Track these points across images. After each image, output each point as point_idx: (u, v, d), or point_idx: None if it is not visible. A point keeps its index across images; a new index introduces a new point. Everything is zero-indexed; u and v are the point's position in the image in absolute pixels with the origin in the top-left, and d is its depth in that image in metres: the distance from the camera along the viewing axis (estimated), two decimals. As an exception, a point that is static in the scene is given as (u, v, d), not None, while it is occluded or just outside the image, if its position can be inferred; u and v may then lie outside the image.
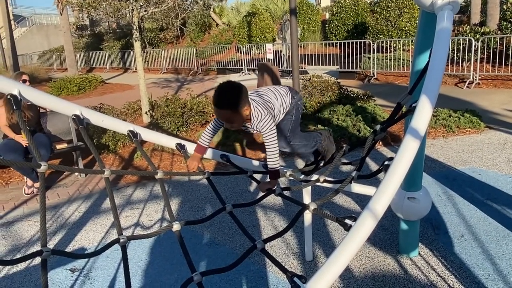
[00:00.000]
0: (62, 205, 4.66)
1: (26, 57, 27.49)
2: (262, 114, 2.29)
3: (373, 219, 1.59)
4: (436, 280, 2.85)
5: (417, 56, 2.34)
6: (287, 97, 2.61)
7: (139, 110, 7.78)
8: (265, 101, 2.43)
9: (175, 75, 18.25)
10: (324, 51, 14.77)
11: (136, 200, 4.66)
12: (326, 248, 3.37)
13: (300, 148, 2.76)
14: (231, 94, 2.19)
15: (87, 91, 14.60)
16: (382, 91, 10.17)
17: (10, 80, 1.81)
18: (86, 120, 2.09)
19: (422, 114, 1.67)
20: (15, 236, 3.94)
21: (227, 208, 2.10)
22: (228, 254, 3.40)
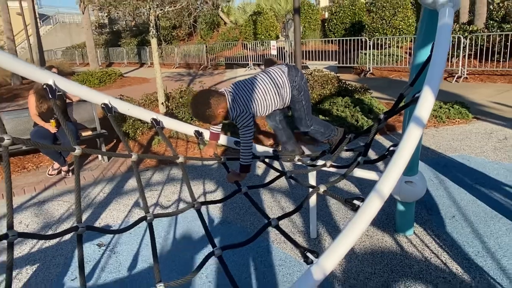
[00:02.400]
0: (87, 187, 4.67)
1: (51, 53, 27.40)
2: (237, 110, 2.18)
3: (380, 199, 1.58)
4: (430, 256, 2.84)
5: (418, 50, 2.30)
6: (285, 88, 2.33)
7: (155, 101, 7.75)
8: (244, 95, 2.24)
9: (187, 70, 18.15)
10: (323, 48, 14.63)
11: (155, 183, 4.67)
12: (328, 227, 3.36)
13: (316, 134, 2.64)
14: (200, 107, 2.16)
15: (107, 84, 14.55)
16: (377, 84, 10.08)
17: (46, 71, 1.80)
18: (114, 109, 2.08)
19: (425, 104, 1.64)
20: (46, 215, 3.97)
21: (242, 189, 2.09)
22: (240, 232, 3.41)
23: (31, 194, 4.54)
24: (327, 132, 2.65)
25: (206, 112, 2.14)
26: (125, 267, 2.98)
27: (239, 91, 2.25)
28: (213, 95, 2.16)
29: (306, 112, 2.46)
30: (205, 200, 2.71)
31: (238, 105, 2.19)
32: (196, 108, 2.17)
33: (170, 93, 7.86)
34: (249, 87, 2.27)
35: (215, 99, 2.15)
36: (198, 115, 2.19)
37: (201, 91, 2.23)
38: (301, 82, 2.38)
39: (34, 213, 4.02)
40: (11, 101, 12.11)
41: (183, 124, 2.53)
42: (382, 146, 5.39)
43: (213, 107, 2.13)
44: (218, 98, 2.16)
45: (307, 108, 2.46)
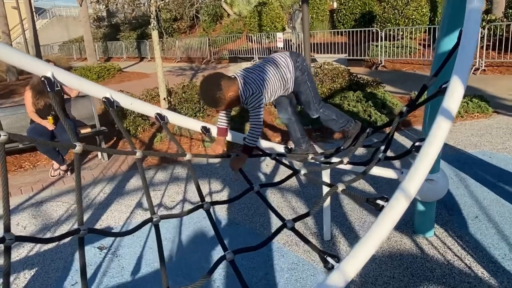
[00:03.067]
0: (87, 187, 4.65)
1: (47, 48, 27.48)
2: (250, 90, 2.21)
3: (406, 199, 1.52)
4: (453, 259, 2.78)
5: (442, 38, 2.23)
6: (288, 68, 2.38)
7: (156, 96, 7.72)
8: (255, 78, 2.28)
9: (189, 64, 18.12)
10: (332, 40, 14.51)
11: (158, 182, 4.63)
12: (343, 228, 3.30)
13: (329, 122, 2.59)
14: (210, 91, 2.15)
15: (106, 79, 14.56)
16: (389, 77, 9.97)
17: (44, 62, 1.75)
18: (116, 103, 2.03)
19: (454, 95, 1.57)
20: (44, 216, 3.94)
21: (254, 188, 2.04)
22: (248, 234, 3.36)
23: (29, 194, 4.52)
24: (341, 121, 2.62)
25: (216, 94, 2.13)
26: (128, 271, 2.94)
27: (249, 74, 2.30)
28: (224, 78, 2.18)
29: (313, 93, 2.47)
30: (213, 200, 2.66)
31: (250, 86, 2.23)
32: (206, 90, 2.16)
33: (172, 88, 7.82)
34: (258, 70, 2.33)
35: (226, 82, 2.16)
36: (207, 99, 2.18)
37: (211, 74, 2.24)
38: (303, 63, 2.44)
39: (32, 214, 3.99)
40: (7, 97, 12.14)
41: (189, 119, 2.48)
42: (396, 143, 5.32)
43: (224, 89, 2.14)
44: (229, 81, 2.18)
45: (313, 89, 2.47)
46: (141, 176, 1.87)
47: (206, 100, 2.19)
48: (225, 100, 2.16)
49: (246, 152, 2.25)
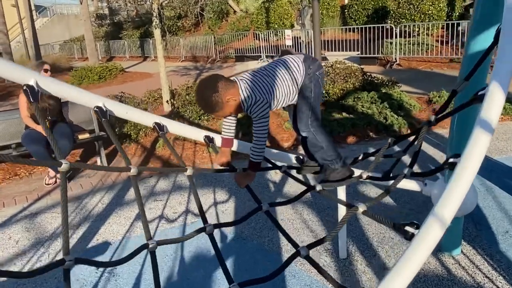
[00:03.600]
0: (85, 196, 4.53)
1: (48, 47, 27.59)
2: (252, 97, 2.00)
3: (441, 227, 1.37)
4: (483, 281, 2.60)
5: (473, 37, 2.06)
6: (299, 73, 2.12)
7: (159, 98, 7.60)
8: (260, 82, 2.07)
9: (194, 63, 18.04)
10: (343, 37, 14.32)
11: (159, 192, 4.50)
12: (360, 245, 3.14)
13: (314, 148, 2.23)
14: (205, 94, 1.96)
15: (108, 79, 14.52)
16: (405, 77, 9.77)
17: (26, 70, 1.62)
18: (110, 112, 1.89)
19: (494, 103, 1.42)
20: (38, 229, 3.83)
21: (263, 207, 1.89)
22: (257, 250, 3.21)
23: (23, 204, 4.41)
24: (329, 154, 2.22)
25: (212, 97, 1.94)
26: (125, 293, 2.81)
27: (254, 77, 2.09)
28: (221, 79, 2.00)
29: (313, 106, 2.18)
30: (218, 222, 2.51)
31: (253, 92, 2.02)
32: (201, 93, 1.99)
33: (176, 90, 7.70)
34: (265, 74, 2.11)
35: (223, 84, 1.98)
36: (202, 103, 2.00)
37: (208, 76, 2.06)
38: (317, 71, 2.15)
39: (25, 227, 3.88)
40: (5, 99, 12.13)
41: (191, 128, 2.34)
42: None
43: (221, 92, 1.95)
44: (228, 84, 1.99)
45: (315, 102, 2.18)
46: (136, 195, 1.72)
47: (201, 104, 2.03)
48: (222, 105, 1.97)
49: (252, 169, 2.08)
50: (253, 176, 2.09)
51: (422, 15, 13.21)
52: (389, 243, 3.11)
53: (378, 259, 2.94)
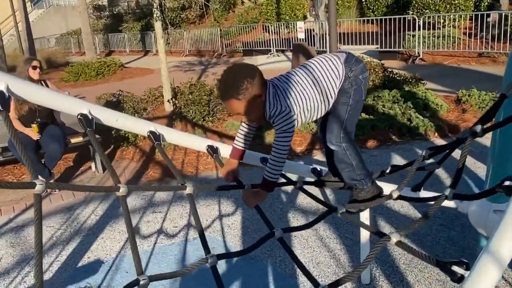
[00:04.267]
0: (77, 207, 4.40)
1: (43, 41, 27.65)
2: (277, 106, 1.81)
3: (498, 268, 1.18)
4: (531, 314, 2.40)
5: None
6: (338, 77, 1.92)
7: (160, 97, 7.47)
8: (289, 90, 1.88)
9: (198, 58, 17.92)
10: (361, 29, 14.09)
11: (158, 202, 4.35)
12: (385, 268, 2.95)
13: (342, 164, 2.04)
14: (234, 78, 1.78)
15: (106, 76, 14.43)
16: (430, 73, 9.52)
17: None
18: (96, 120, 1.73)
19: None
20: (24, 244, 3.69)
21: (276, 233, 1.71)
22: (267, 272, 3.03)
23: (9, 215, 4.29)
24: (358, 173, 2.05)
25: (244, 80, 1.75)
26: (118, 321, 2.65)
27: (284, 83, 1.91)
28: (259, 72, 1.84)
29: (348, 115, 1.97)
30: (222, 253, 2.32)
31: (279, 100, 1.84)
32: (235, 71, 1.81)
33: (178, 88, 7.56)
34: (297, 80, 1.91)
35: (261, 76, 1.83)
36: (231, 81, 1.78)
37: (241, 63, 1.94)
38: (360, 75, 1.94)
39: (10, 242, 3.75)
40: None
41: (192, 137, 2.19)
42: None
43: (256, 81, 1.78)
44: (263, 79, 1.85)
45: (352, 111, 1.97)
46: (126, 219, 1.56)
47: (228, 83, 1.80)
48: (249, 97, 1.78)
49: (265, 188, 1.88)
50: (264, 196, 1.91)
51: (448, 5, 12.93)
52: (418, 265, 2.92)
53: (406, 285, 2.75)
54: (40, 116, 4.68)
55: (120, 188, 1.58)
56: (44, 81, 4.84)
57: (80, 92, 10.92)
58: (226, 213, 4.00)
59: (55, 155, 4.61)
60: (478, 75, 8.80)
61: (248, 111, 1.83)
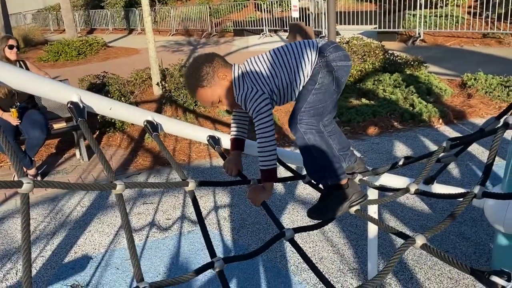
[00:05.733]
0: (61, 197, 4.29)
1: (19, 17, 27.03)
2: (245, 89, 1.78)
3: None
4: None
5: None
6: (309, 60, 1.83)
7: (148, 79, 7.30)
8: (257, 70, 1.81)
9: (187, 37, 17.63)
10: (357, 8, 13.95)
11: (149, 192, 4.25)
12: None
13: (303, 154, 1.84)
14: (197, 65, 1.81)
15: (88, 56, 14.12)
16: (431, 55, 9.46)
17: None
18: (88, 108, 1.62)
19: None
20: (5, 239, 3.59)
21: (286, 233, 1.63)
22: (268, 268, 2.97)
23: (-13, 207, 4.17)
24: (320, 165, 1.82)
25: (203, 67, 1.78)
26: (110, 323, 2.58)
27: (251, 64, 1.87)
28: (218, 56, 1.85)
29: (310, 99, 1.82)
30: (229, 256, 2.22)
31: (245, 82, 1.81)
32: (192, 63, 1.85)
33: (167, 70, 7.39)
34: (265, 60, 1.87)
35: (220, 59, 1.83)
36: (191, 73, 1.82)
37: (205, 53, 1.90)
38: (334, 61, 1.82)
39: (-10, 236, 3.64)
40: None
41: (192, 127, 2.08)
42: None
43: (215, 64, 1.79)
44: (224, 61, 1.85)
45: (318, 94, 1.82)
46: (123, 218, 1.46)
47: (188, 76, 1.84)
48: (213, 81, 1.79)
49: (267, 179, 1.78)
50: (270, 190, 1.80)
51: (450, -17, 12.84)
52: (428, 262, 2.88)
53: (415, 282, 2.71)
54: (19, 99, 4.52)
55: (116, 185, 1.49)
56: (22, 62, 4.67)
57: (61, 73, 10.68)
58: (222, 205, 3.92)
59: (37, 142, 4.47)
60: (483, 58, 8.76)
61: (219, 97, 1.83)
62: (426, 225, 3.30)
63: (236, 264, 2.97)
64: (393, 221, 3.42)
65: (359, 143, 5.16)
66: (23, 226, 1.27)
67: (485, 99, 5.97)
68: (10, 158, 1.35)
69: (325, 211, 1.84)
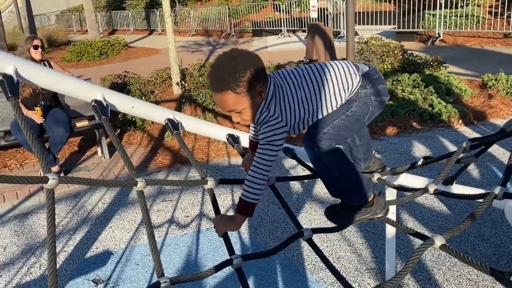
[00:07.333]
0: (83, 194, 4.35)
1: (43, 18, 27.52)
2: (271, 111, 1.58)
3: None
4: None
5: None
6: (347, 89, 1.66)
7: (168, 79, 7.37)
8: (291, 95, 1.62)
9: (206, 38, 17.73)
10: (376, 8, 13.82)
11: (168, 190, 4.29)
12: (411, 264, 2.87)
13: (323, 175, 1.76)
14: (234, 65, 1.51)
15: (110, 56, 14.32)
16: (451, 55, 9.32)
17: (3, 54, 1.38)
18: (111, 107, 1.65)
19: None
20: (29, 233, 3.66)
21: (304, 233, 1.63)
22: (285, 267, 2.97)
23: (12, 202, 4.26)
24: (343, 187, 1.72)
25: (245, 74, 1.50)
26: (130, 317, 2.62)
27: (286, 87, 1.64)
28: (262, 64, 1.59)
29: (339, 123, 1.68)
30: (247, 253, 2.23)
31: (276, 105, 1.60)
32: (233, 61, 1.52)
33: (187, 69, 7.45)
34: (303, 84, 1.64)
35: (262, 70, 1.57)
36: (226, 71, 1.51)
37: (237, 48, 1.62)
38: (374, 96, 1.70)
39: (14, 230, 3.72)
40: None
41: (211, 125, 2.10)
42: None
43: (257, 76, 1.54)
44: (264, 72, 1.59)
45: (346, 121, 1.68)
46: (144, 215, 1.48)
47: (223, 72, 1.52)
48: (248, 89, 1.52)
49: (242, 212, 1.62)
50: (239, 224, 1.64)
51: (471, -17, 12.62)
52: (446, 263, 2.84)
53: (434, 283, 2.68)
54: (43, 98, 4.61)
55: (137, 182, 1.51)
56: (47, 61, 4.76)
57: (83, 73, 10.84)
58: (239, 203, 3.93)
59: (60, 139, 4.55)
60: (504, 58, 8.59)
61: (243, 109, 1.58)
62: (445, 226, 3.25)
63: (253, 261, 2.98)
64: (411, 221, 3.38)
65: (377, 143, 5.11)
66: (48, 220, 1.30)
67: (506, 100, 5.85)
68: (36, 155, 1.38)
69: (343, 219, 1.80)
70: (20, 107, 1.39)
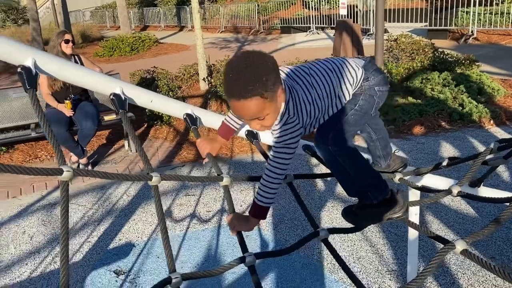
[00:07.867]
0: (109, 186, 4.41)
1: (78, 14, 28.14)
2: (290, 113, 1.50)
3: None
4: None
5: None
6: (352, 84, 1.65)
7: (195, 75, 7.40)
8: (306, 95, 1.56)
9: (234, 34, 17.74)
10: (407, 5, 13.51)
11: (192, 184, 4.30)
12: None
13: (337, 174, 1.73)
14: (262, 68, 1.38)
15: (140, 51, 14.51)
16: (484, 53, 9.02)
17: (23, 46, 1.38)
18: (129, 100, 1.64)
19: None
20: (56, 223, 3.73)
21: (320, 233, 1.58)
22: (304, 265, 2.93)
23: (41, 192, 4.36)
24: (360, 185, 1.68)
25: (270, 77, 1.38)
26: (148, 309, 2.63)
27: (297, 85, 1.57)
28: (274, 58, 1.48)
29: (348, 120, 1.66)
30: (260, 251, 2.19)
31: (295, 106, 1.54)
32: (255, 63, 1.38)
33: (214, 65, 7.46)
34: (312, 83, 1.59)
35: (279, 72, 1.48)
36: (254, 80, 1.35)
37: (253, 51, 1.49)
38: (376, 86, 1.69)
39: (42, 219, 3.80)
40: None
41: (231, 121, 2.06)
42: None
43: (277, 78, 1.43)
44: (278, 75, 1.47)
45: (355, 117, 1.67)
46: (157, 210, 1.47)
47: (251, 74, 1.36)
48: (275, 96, 1.42)
49: (256, 215, 1.57)
50: (254, 226, 1.60)
51: (507, -20, 12.18)
52: (471, 267, 2.74)
53: (457, 288, 2.58)
54: (73, 92, 4.68)
55: (152, 177, 1.50)
56: (77, 56, 4.83)
57: (114, 68, 11.02)
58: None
59: (89, 132, 4.63)
60: (540, 57, 8.25)
61: (268, 114, 1.45)
62: (471, 229, 3.14)
63: (272, 259, 2.95)
64: (436, 223, 3.28)
65: (404, 142, 4.99)
66: (62, 212, 1.29)
67: (541, 101, 5.63)
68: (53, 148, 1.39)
69: (360, 219, 1.77)
70: (38, 100, 1.40)
